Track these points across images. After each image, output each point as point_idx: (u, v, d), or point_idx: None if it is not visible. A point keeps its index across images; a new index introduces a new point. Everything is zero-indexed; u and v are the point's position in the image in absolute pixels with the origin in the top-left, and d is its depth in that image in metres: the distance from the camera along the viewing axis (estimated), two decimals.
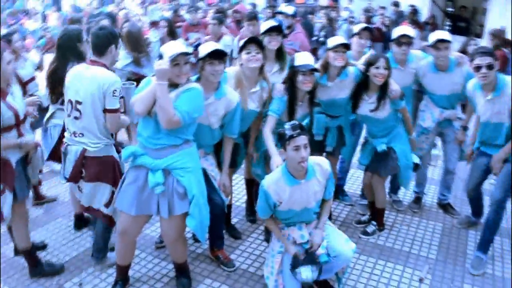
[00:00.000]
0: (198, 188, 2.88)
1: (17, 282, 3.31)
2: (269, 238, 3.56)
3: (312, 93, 3.44)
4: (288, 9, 5.11)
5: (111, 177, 3.12)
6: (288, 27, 4.81)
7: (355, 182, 5.02)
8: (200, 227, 2.91)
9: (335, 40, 3.57)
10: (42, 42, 10.71)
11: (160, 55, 2.74)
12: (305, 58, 3.32)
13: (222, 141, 3.32)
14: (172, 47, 2.76)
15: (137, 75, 4.37)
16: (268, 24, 3.72)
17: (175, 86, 2.75)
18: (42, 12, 14.58)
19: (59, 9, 15.10)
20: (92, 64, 3.04)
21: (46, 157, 3.56)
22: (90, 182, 3.09)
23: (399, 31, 3.95)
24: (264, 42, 3.54)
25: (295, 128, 2.76)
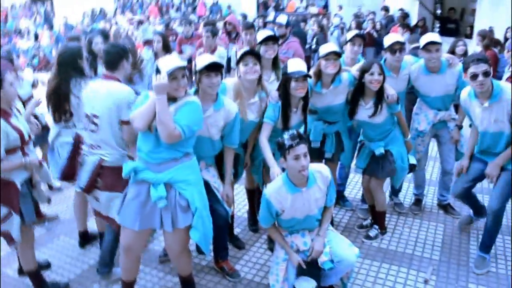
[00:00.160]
0: (200, 200, 2.88)
1: None
2: (272, 247, 3.57)
3: (306, 99, 3.47)
4: (281, 18, 5.15)
5: (125, 186, 3.15)
6: (281, 36, 4.84)
7: (354, 187, 5.05)
8: (204, 239, 2.91)
9: (326, 48, 3.59)
10: (36, 61, 10.76)
11: (157, 69, 2.75)
12: (297, 65, 3.33)
13: (222, 153, 3.33)
14: (168, 61, 2.77)
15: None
16: (264, 33, 3.75)
17: (174, 100, 2.77)
18: (34, 31, 14.62)
19: (51, 27, 15.15)
20: (106, 79, 3.16)
21: (57, 176, 3.60)
22: (106, 191, 3.15)
23: (391, 38, 3.92)
24: (260, 51, 3.58)
25: (294, 137, 2.79)
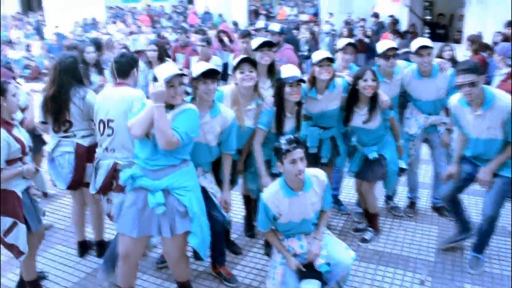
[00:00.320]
0: (198, 206, 2.91)
1: None
2: (269, 252, 3.59)
3: (300, 105, 3.50)
4: (274, 26, 5.20)
5: None
6: (275, 44, 4.88)
7: (349, 191, 5.08)
8: (202, 245, 2.94)
9: (319, 54, 3.62)
10: (27, 72, 10.73)
11: (155, 77, 2.80)
12: (291, 70, 3.38)
13: (219, 159, 3.36)
14: (165, 69, 2.81)
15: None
16: (260, 40, 3.79)
17: (171, 107, 2.80)
18: (25, 41, 14.57)
19: (42, 37, 15.13)
20: (118, 86, 3.36)
21: (64, 186, 3.63)
22: (120, 192, 3.20)
23: (384, 45, 3.97)
24: (256, 58, 3.62)
25: (291, 142, 2.83)
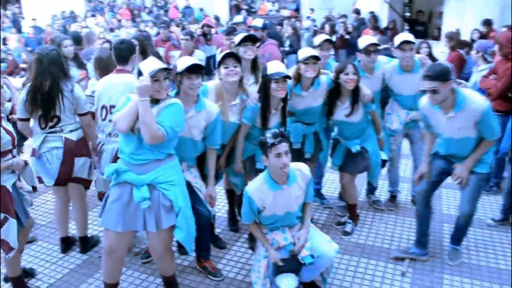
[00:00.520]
0: (184, 200, 2.92)
1: None
2: (253, 246, 3.63)
3: (285, 101, 3.53)
4: (257, 21, 5.21)
5: None
6: (258, 39, 4.89)
7: (331, 185, 5.16)
8: (188, 239, 2.95)
9: (305, 52, 3.59)
10: (4, 66, 10.51)
11: (140, 71, 2.79)
12: (277, 66, 3.40)
13: (204, 154, 3.37)
14: (150, 63, 2.80)
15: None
16: (242, 34, 3.80)
17: (156, 102, 2.80)
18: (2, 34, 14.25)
19: (19, 31, 14.81)
20: (118, 73, 3.50)
21: (51, 182, 3.57)
22: None
23: (366, 40, 4.01)
24: (240, 53, 3.62)
25: (276, 136, 2.86)
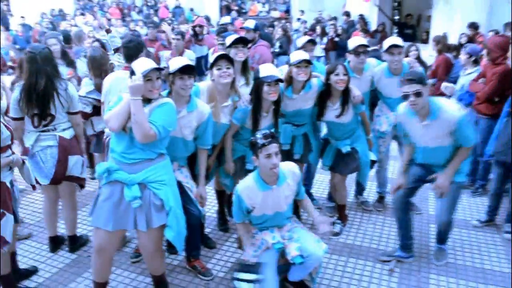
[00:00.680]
0: (174, 199, 2.94)
1: None
2: (242, 245, 3.65)
3: (277, 104, 3.56)
4: (249, 23, 5.24)
5: None
6: (250, 41, 4.92)
7: (320, 186, 5.20)
8: (178, 238, 2.97)
9: (297, 55, 3.60)
10: None
11: (132, 71, 2.80)
12: (269, 69, 3.43)
13: (195, 154, 3.39)
14: (143, 63, 2.81)
15: (101, 102, 4.23)
16: (234, 36, 3.82)
17: (148, 101, 2.81)
18: None
19: (7, 28, 14.67)
20: (127, 69, 3.36)
21: (46, 181, 3.56)
22: None
23: (355, 41, 4.05)
24: (231, 54, 3.64)
25: (267, 136, 2.89)
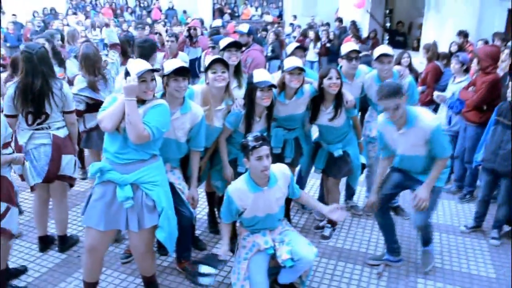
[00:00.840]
0: (166, 200, 2.95)
1: None
2: (233, 247, 3.66)
3: (270, 109, 3.58)
4: (243, 27, 5.27)
5: None
6: (244, 45, 4.94)
7: (310, 190, 5.24)
8: (170, 239, 2.98)
9: (290, 62, 3.62)
10: None
11: (127, 72, 2.82)
12: (262, 75, 3.45)
13: (187, 156, 3.40)
14: (137, 64, 2.84)
15: (94, 100, 4.30)
16: (228, 40, 3.85)
17: (142, 102, 2.83)
18: None
19: None
20: None
21: (39, 179, 3.55)
22: None
23: (348, 47, 4.09)
24: (223, 58, 3.67)
25: (258, 139, 2.93)
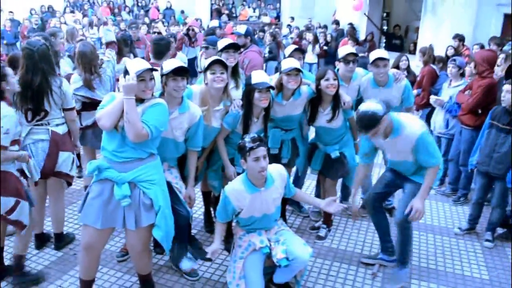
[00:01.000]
0: (164, 199, 2.97)
1: None
2: (229, 247, 3.69)
3: (268, 110, 3.60)
4: (240, 28, 5.29)
5: None
6: (242, 46, 4.96)
7: (307, 190, 5.26)
8: (166, 238, 2.99)
9: (288, 63, 3.62)
10: None
11: (126, 70, 2.83)
12: (261, 76, 3.47)
13: (185, 155, 3.42)
14: (136, 63, 2.86)
15: (90, 99, 4.29)
16: (226, 41, 3.87)
17: (141, 101, 2.85)
18: None
19: None
20: (157, 66, 3.38)
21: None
22: None
23: (345, 50, 4.12)
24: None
25: (255, 140, 2.96)
